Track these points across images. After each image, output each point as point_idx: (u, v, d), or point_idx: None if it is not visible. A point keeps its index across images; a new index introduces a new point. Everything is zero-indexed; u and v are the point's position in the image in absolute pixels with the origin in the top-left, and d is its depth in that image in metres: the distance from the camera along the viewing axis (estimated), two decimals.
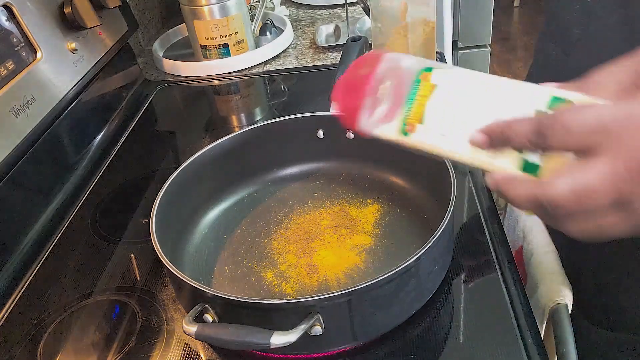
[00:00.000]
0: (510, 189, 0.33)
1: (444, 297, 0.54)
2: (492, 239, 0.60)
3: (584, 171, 0.30)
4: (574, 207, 0.31)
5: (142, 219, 0.71)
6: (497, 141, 0.34)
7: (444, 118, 0.35)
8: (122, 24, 0.99)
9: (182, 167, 0.62)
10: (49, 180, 0.75)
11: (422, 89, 0.36)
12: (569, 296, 0.56)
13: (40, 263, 0.66)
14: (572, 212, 0.31)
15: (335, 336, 0.48)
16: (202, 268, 0.59)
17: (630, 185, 0.29)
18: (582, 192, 0.30)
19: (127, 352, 0.52)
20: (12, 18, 0.72)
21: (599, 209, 0.31)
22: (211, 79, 1.06)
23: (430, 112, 0.35)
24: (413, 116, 0.36)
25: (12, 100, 0.68)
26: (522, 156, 0.33)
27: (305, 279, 0.56)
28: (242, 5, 1.05)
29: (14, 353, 0.54)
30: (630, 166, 0.29)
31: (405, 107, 0.36)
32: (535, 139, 0.32)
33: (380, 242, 0.59)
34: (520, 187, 0.33)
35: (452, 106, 0.35)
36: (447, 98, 0.35)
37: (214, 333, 0.46)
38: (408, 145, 0.37)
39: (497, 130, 0.34)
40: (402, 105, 0.36)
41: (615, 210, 0.30)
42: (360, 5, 1.03)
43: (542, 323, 0.56)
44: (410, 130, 0.36)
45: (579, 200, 0.30)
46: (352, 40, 0.79)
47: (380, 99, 0.37)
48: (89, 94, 0.87)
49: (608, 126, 0.30)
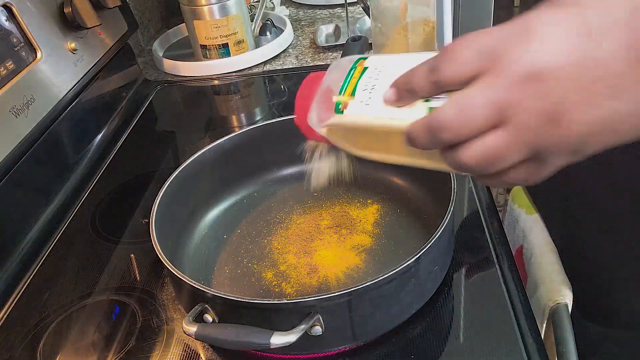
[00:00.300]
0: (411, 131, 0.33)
1: (444, 297, 0.54)
2: (492, 239, 0.60)
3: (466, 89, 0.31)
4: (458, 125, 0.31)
5: (142, 219, 0.71)
6: (402, 91, 0.34)
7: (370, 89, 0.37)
8: (122, 24, 0.99)
9: (182, 167, 0.62)
10: (49, 180, 0.75)
11: (355, 72, 0.39)
12: (569, 296, 0.56)
13: (40, 263, 0.66)
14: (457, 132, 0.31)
15: (335, 336, 0.48)
16: (202, 268, 0.59)
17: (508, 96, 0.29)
18: (464, 107, 0.30)
19: (127, 352, 0.52)
20: (12, 18, 0.72)
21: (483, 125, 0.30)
22: (211, 79, 1.06)
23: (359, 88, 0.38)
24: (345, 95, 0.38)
25: (12, 100, 0.68)
26: (428, 105, 0.34)
27: (305, 279, 0.56)
28: (242, 5, 1.05)
29: (14, 353, 0.54)
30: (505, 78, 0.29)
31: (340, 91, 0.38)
32: (430, 76, 0.32)
33: (380, 242, 0.59)
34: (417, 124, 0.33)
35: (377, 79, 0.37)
36: (374, 74, 0.38)
37: (214, 333, 0.46)
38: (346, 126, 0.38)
39: (400, 81, 0.35)
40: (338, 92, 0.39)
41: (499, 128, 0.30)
42: (360, 5, 1.03)
43: (542, 322, 0.56)
44: (343, 107, 0.37)
45: (462, 116, 0.30)
46: (352, 40, 0.79)
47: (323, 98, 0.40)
48: (89, 94, 0.87)
49: (485, 47, 0.30)
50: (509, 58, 0.29)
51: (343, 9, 1.23)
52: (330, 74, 0.40)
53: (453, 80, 0.31)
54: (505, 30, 0.31)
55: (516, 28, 0.30)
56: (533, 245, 0.62)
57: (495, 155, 0.31)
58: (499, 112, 0.30)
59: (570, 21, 0.29)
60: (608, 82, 0.28)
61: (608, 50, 0.28)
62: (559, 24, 0.29)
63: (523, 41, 0.29)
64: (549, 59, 0.29)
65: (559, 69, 0.29)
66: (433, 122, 0.32)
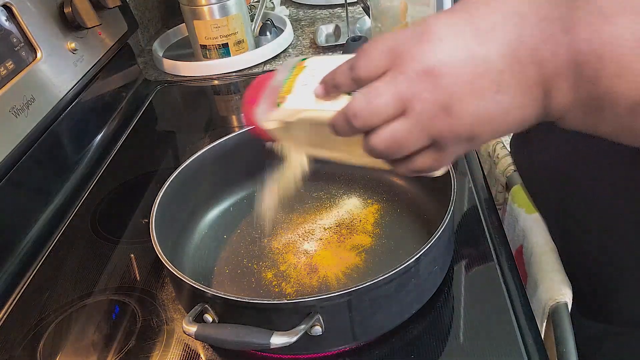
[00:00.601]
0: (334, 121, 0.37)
1: (444, 297, 0.54)
2: (492, 239, 0.60)
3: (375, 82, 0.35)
4: (367, 113, 0.35)
5: (142, 219, 0.71)
6: (329, 87, 0.38)
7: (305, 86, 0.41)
8: (122, 24, 0.99)
9: (182, 167, 0.62)
10: (49, 180, 0.75)
11: (294, 71, 0.42)
12: (569, 295, 0.56)
13: (40, 263, 0.66)
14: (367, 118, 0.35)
15: (335, 336, 0.48)
16: (202, 268, 0.59)
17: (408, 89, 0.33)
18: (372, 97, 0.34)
19: (127, 352, 0.52)
20: (12, 18, 0.72)
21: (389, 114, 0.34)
22: (211, 79, 1.06)
23: (297, 84, 0.41)
24: (284, 91, 0.42)
25: (12, 100, 0.68)
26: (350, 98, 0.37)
27: (305, 279, 0.56)
28: (242, 5, 1.05)
29: (14, 353, 0.54)
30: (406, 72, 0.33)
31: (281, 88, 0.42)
32: (349, 73, 0.36)
33: (380, 242, 0.59)
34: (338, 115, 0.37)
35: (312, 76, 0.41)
36: (311, 72, 0.42)
37: (214, 333, 0.46)
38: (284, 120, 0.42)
39: (328, 78, 0.39)
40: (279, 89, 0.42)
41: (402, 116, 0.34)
42: (360, 5, 1.03)
43: (542, 321, 0.56)
44: (282, 101, 0.41)
45: (370, 105, 0.34)
46: (352, 40, 0.79)
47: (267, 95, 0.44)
48: (89, 94, 0.88)
49: (392, 47, 0.35)
50: (410, 56, 0.34)
51: (343, 9, 1.23)
52: (276, 75, 0.44)
53: (367, 76, 0.35)
54: (408, 32, 0.35)
55: (417, 30, 0.35)
56: (533, 245, 0.62)
57: (399, 140, 0.35)
58: (401, 102, 0.34)
59: (461, 25, 0.33)
60: (491, 77, 0.32)
61: (490, 49, 0.32)
62: (452, 27, 0.33)
63: (422, 41, 0.34)
64: (442, 57, 0.33)
65: (450, 65, 0.33)
66: (347, 111, 0.36)
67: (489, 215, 0.63)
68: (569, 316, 0.54)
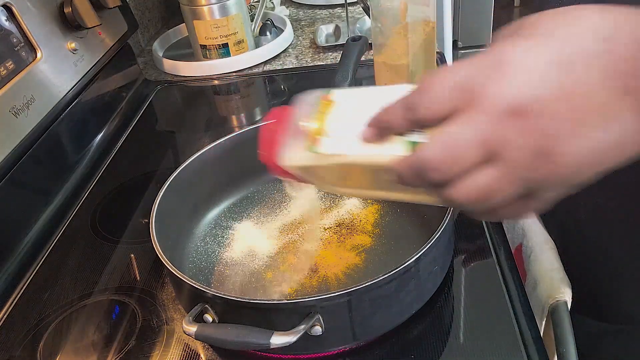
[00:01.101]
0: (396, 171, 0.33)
1: (444, 297, 0.54)
2: (492, 238, 0.60)
3: (449, 127, 0.30)
4: (447, 165, 0.30)
5: (142, 219, 0.71)
6: (380, 130, 0.34)
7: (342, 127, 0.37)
8: (122, 24, 0.99)
9: (182, 167, 0.62)
10: (49, 180, 0.75)
11: (321, 107, 0.38)
12: (568, 293, 0.56)
13: (40, 263, 0.66)
14: (446, 171, 0.30)
15: (335, 336, 0.48)
16: (202, 268, 0.59)
17: (494, 133, 0.29)
18: (451, 145, 0.30)
19: (127, 352, 0.52)
20: (12, 18, 0.72)
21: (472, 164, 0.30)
22: (211, 79, 1.06)
23: (330, 124, 0.37)
24: (315, 132, 0.37)
25: (12, 100, 0.68)
26: (406, 139, 0.34)
27: (305, 279, 0.56)
28: (242, 5, 1.05)
29: (14, 353, 0.54)
30: (488, 114, 0.29)
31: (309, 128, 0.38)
32: (407, 113, 0.32)
33: (380, 242, 0.59)
34: (402, 163, 0.32)
35: (348, 115, 0.37)
36: (344, 110, 0.37)
37: (214, 333, 0.46)
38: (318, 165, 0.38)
39: (377, 119, 0.34)
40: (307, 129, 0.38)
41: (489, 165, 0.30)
42: (360, 5, 1.03)
43: (541, 320, 0.56)
44: (315, 144, 0.37)
45: (450, 155, 0.30)
46: (352, 40, 0.79)
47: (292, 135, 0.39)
48: (89, 93, 0.88)
49: (461, 83, 0.30)
50: (488, 93, 0.29)
51: (343, 9, 1.23)
52: (296, 110, 0.40)
53: (431, 117, 0.31)
54: (478, 64, 0.30)
55: (489, 61, 0.30)
56: (532, 243, 0.63)
57: (488, 192, 0.30)
58: (486, 149, 0.29)
59: (541, 52, 0.29)
60: (593, 113, 0.28)
61: (588, 81, 0.28)
62: (531, 55, 0.29)
63: (498, 74, 0.29)
64: (529, 92, 0.28)
65: (541, 102, 0.28)
66: (418, 162, 0.31)
67: None
68: (569, 314, 0.54)
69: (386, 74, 0.85)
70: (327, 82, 0.75)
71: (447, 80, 0.30)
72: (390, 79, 0.84)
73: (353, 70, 0.74)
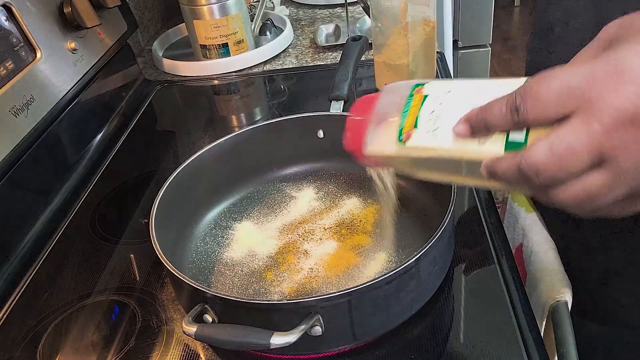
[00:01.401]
0: (496, 169, 0.33)
1: (444, 297, 0.54)
2: (492, 238, 0.60)
3: (560, 132, 0.31)
4: (555, 169, 0.31)
5: (142, 219, 0.71)
6: (477, 127, 0.34)
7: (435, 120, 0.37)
8: (122, 24, 0.99)
9: (182, 167, 0.62)
10: (48, 180, 0.75)
11: (414, 101, 0.38)
12: (569, 293, 0.56)
13: (40, 263, 0.66)
14: (554, 175, 0.31)
15: (335, 336, 0.48)
16: (202, 268, 0.59)
17: (608, 141, 0.29)
18: (561, 151, 0.30)
19: (127, 352, 0.52)
20: (12, 18, 0.72)
21: (582, 169, 0.31)
22: (211, 78, 1.06)
23: (422, 117, 0.37)
24: (407, 124, 0.38)
25: (12, 100, 0.68)
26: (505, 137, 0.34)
27: (305, 279, 0.56)
28: (242, 5, 1.04)
29: (14, 353, 0.54)
30: (604, 122, 0.29)
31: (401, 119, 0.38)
32: (511, 116, 0.32)
33: (381, 242, 0.59)
34: (504, 163, 0.33)
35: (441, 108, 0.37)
36: (437, 103, 0.38)
37: (214, 333, 0.46)
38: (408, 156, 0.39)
39: (475, 116, 0.34)
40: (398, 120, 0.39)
41: (600, 170, 0.31)
42: (360, 5, 1.03)
43: (541, 320, 0.56)
44: (406, 138, 0.38)
45: (559, 160, 0.30)
46: (352, 40, 0.79)
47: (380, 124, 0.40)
48: (89, 93, 0.87)
49: (574, 89, 0.30)
50: (604, 100, 0.29)
51: (343, 8, 1.23)
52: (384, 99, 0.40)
53: (539, 120, 0.32)
54: (593, 70, 0.30)
55: (605, 67, 0.30)
56: (533, 243, 0.62)
57: (595, 195, 0.31)
58: (598, 156, 0.30)
59: None
60: None
61: None
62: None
63: (616, 82, 0.29)
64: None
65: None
66: (526, 165, 0.31)
67: (489, 215, 0.63)
68: (569, 315, 0.54)
69: (386, 74, 0.85)
70: (327, 81, 0.75)
71: (556, 83, 0.31)
72: (390, 78, 0.84)
73: (353, 70, 0.74)
